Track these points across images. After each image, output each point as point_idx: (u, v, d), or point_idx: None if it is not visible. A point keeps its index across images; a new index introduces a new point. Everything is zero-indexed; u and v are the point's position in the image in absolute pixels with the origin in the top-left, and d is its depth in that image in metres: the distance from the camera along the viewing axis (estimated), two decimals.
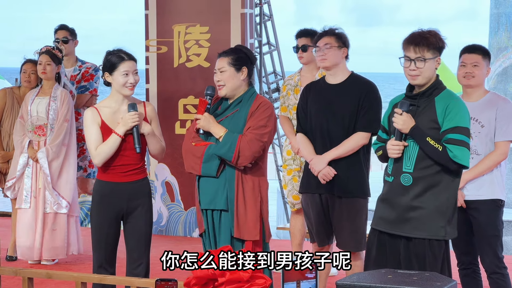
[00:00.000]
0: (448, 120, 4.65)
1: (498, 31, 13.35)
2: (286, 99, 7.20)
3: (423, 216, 4.70)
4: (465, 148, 4.63)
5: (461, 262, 5.73)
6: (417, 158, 4.69)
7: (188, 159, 5.48)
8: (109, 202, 5.41)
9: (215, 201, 5.38)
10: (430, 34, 4.72)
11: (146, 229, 5.48)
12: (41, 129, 7.39)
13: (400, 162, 4.75)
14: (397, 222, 4.76)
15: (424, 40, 4.69)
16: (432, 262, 4.70)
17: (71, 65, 8.37)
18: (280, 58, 11.04)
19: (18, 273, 5.24)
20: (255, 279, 3.95)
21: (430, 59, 4.69)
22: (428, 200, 4.70)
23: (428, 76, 4.71)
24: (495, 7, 13.46)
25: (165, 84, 8.92)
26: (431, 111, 4.70)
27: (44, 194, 7.41)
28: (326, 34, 5.82)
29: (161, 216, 9.06)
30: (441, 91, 4.74)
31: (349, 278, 4.07)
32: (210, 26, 8.68)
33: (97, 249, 5.47)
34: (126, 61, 5.36)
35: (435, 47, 4.71)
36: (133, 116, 5.31)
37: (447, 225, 4.72)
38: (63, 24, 8.42)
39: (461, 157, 4.62)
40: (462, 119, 4.65)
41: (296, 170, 7.15)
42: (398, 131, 4.72)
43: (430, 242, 4.71)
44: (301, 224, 7.25)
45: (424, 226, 4.70)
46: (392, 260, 4.80)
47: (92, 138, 5.38)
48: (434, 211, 4.70)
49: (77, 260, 7.69)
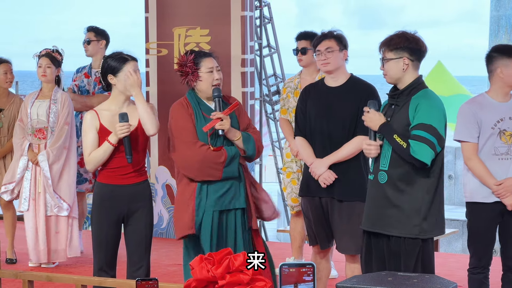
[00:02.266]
0: (416, 118, 4.75)
1: (498, 33, 13.36)
2: (286, 101, 7.21)
3: (398, 214, 4.79)
4: (425, 145, 4.70)
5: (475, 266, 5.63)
6: (391, 156, 4.81)
7: (206, 167, 5.32)
8: (110, 205, 5.41)
9: (235, 200, 5.40)
10: (397, 35, 4.86)
11: (146, 232, 5.48)
12: (41, 132, 7.38)
13: (378, 161, 4.87)
14: (377, 220, 4.88)
15: (386, 42, 4.87)
16: (406, 259, 4.77)
17: (98, 66, 8.29)
18: (280, 60, 11.05)
19: (19, 276, 5.24)
20: (255, 281, 3.95)
21: (391, 60, 4.83)
22: (403, 198, 4.79)
23: (393, 76, 4.86)
24: (495, 10, 13.47)
25: (166, 87, 8.92)
26: (405, 110, 4.80)
27: (45, 197, 7.41)
28: (326, 37, 5.81)
29: (162, 219, 9.06)
30: (419, 91, 4.84)
31: (349, 280, 4.08)
32: (210, 28, 8.68)
33: (97, 252, 5.47)
34: (131, 61, 5.39)
35: (398, 48, 4.82)
36: (121, 127, 5.28)
37: (422, 224, 4.78)
38: (90, 25, 8.37)
39: (418, 153, 4.70)
40: (427, 116, 4.73)
41: (298, 172, 7.14)
42: (371, 130, 4.87)
43: (405, 240, 4.80)
44: (301, 227, 7.25)
45: (399, 224, 4.80)
46: (378, 259, 4.89)
47: (87, 144, 5.40)
48: (409, 209, 4.79)
49: (77, 263, 7.70)
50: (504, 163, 5.50)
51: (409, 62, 4.82)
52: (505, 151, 5.49)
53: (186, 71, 5.48)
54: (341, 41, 5.81)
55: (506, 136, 5.48)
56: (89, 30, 8.28)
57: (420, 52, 4.88)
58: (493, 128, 5.50)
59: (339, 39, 5.81)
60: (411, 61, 4.84)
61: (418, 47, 4.86)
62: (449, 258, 5.98)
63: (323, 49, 5.77)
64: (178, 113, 5.41)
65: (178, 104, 5.48)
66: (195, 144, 5.34)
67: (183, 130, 5.36)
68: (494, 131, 5.50)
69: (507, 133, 5.49)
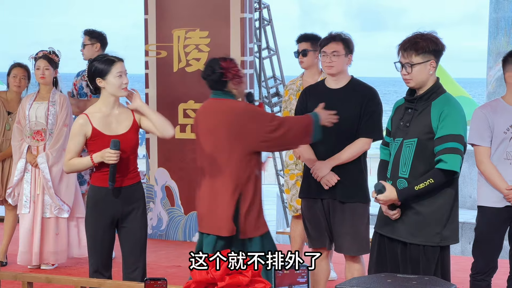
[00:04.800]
0: (442, 128, 4.63)
1: (497, 35, 13.36)
2: (288, 103, 7.21)
3: (418, 222, 4.71)
4: (458, 155, 4.61)
5: (478, 271, 5.61)
6: (412, 164, 4.70)
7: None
8: (103, 207, 5.38)
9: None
10: (422, 38, 4.70)
11: (141, 233, 5.45)
12: (39, 134, 7.38)
13: (397, 166, 4.76)
14: (394, 226, 4.78)
15: (412, 45, 4.69)
16: (425, 267, 4.71)
17: None
18: (279, 62, 11.06)
19: (18, 277, 5.24)
20: (255, 283, 3.95)
21: (418, 64, 4.67)
22: (423, 205, 4.70)
23: (419, 81, 4.70)
24: (494, 12, 13.47)
25: (165, 88, 8.92)
26: (426, 116, 4.69)
27: (43, 199, 7.41)
28: (334, 40, 5.74)
29: (161, 220, 9.06)
30: (439, 95, 4.72)
31: (349, 282, 4.08)
32: (209, 30, 8.69)
33: (92, 254, 5.46)
34: (118, 63, 5.36)
35: (426, 51, 4.67)
36: (111, 156, 5.24)
37: (442, 231, 4.71)
38: (86, 29, 8.35)
39: (453, 164, 4.59)
40: (456, 126, 4.63)
41: (299, 175, 7.13)
42: (390, 205, 4.74)
43: (424, 248, 4.72)
44: (301, 229, 7.23)
45: (419, 232, 4.71)
46: (392, 263, 4.83)
47: (70, 148, 5.39)
48: (429, 217, 4.70)
49: (77, 264, 7.70)
50: None
51: (435, 65, 4.70)
52: None
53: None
54: (348, 45, 5.75)
55: None
56: (85, 34, 8.28)
57: (441, 55, 4.76)
58: (505, 132, 5.48)
59: (347, 43, 5.74)
60: (436, 64, 4.72)
61: (442, 49, 4.73)
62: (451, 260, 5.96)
63: (329, 52, 5.72)
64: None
65: None
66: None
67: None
68: (506, 136, 5.48)
69: None
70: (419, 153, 4.68)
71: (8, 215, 7.78)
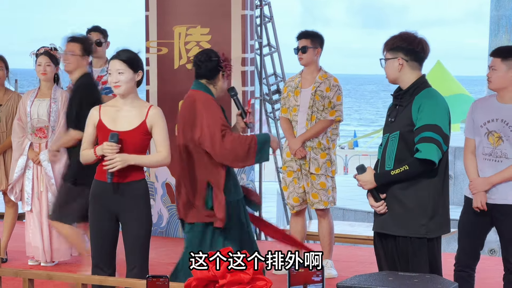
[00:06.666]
0: (420, 119, 4.77)
1: (498, 33, 13.36)
2: (286, 100, 7.23)
3: (404, 214, 4.80)
4: (433, 144, 4.72)
5: (459, 262, 5.66)
6: (396, 156, 4.83)
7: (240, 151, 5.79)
8: (101, 201, 5.37)
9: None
10: (397, 36, 4.93)
11: (139, 232, 5.38)
12: (41, 131, 7.37)
13: (384, 161, 4.89)
14: (384, 221, 4.88)
15: (386, 42, 4.95)
16: (413, 260, 4.77)
17: (99, 65, 8.25)
18: (280, 59, 11.03)
19: (19, 274, 5.23)
20: (256, 281, 3.95)
21: (388, 59, 4.91)
22: (408, 197, 4.80)
23: (389, 76, 4.93)
24: (495, 9, 13.47)
25: (166, 85, 8.92)
26: (409, 110, 4.83)
27: (47, 196, 7.40)
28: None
29: (162, 217, 9.05)
30: (421, 90, 4.86)
31: (350, 280, 4.08)
32: (210, 27, 8.68)
33: (93, 248, 5.46)
34: (111, 60, 5.39)
35: (392, 48, 4.89)
36: (107, 148, 5.25)
37: (429, 223, 4.79)
38: (96, 25, 8.33)
39: (427, 153, 4.71)
40: (431, 116, 4.75)
41: (298, 171, 7.15)
42: (372, 192, 4.86)
43: (411, 240, 4.80)
44: (301, 226, 7.25)
45: (405, 224, 4.80)
46: (389, 259, 4.91)
47: (84, 139, 5.47)
48: (415, 208, 4.79)
49: (78, 261, 7.68)
50: (487, 163, 5.50)
51: (403, 62, 4.86)
52: (489, 152, 5.48)
53: None
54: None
55: (494, 138, 5.48)
56: (95, 30, 8.30)
57: (415, 52, 4.88)
58: (482, 127, 5.52)
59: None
60: (406, 61, 4.86)
61: (412, 47, 4.87)
62: (448, 258, 5.96)
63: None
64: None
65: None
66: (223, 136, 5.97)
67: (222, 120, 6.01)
68: (482, 130, 5.52)
69: (496, 134, 5.46)
70: (402, 146, 4.82)
71: (8, 212, 7.77)
